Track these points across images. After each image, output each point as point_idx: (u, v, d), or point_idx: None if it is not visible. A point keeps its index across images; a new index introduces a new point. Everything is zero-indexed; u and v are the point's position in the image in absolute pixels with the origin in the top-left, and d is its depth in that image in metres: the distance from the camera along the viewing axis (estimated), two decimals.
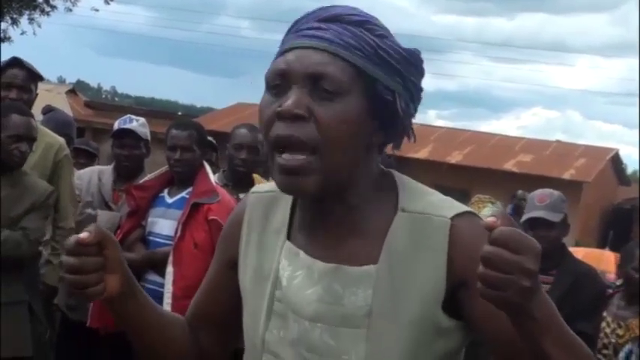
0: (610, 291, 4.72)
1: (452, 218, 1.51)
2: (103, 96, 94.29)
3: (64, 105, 21.09)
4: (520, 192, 10.10)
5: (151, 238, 4.42)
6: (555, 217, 4.26)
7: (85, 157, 6.85)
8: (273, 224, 1.67)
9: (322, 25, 1.51)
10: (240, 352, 1.70)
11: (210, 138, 5.66)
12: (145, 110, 25.40)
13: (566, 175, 22.04)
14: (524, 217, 4.33)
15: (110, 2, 24.71)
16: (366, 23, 1.52)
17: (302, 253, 1.58)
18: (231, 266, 1.72)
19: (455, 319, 1.51)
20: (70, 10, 24.55)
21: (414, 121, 1.60)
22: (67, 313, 4.94)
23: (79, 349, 4.88)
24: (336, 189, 1.52)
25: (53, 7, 24.09)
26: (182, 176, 4.42)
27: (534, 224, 4.26)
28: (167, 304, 4.14)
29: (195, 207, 4.25)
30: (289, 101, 1.45)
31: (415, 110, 1.59)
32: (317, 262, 1.56)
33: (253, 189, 1.77)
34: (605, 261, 7.18)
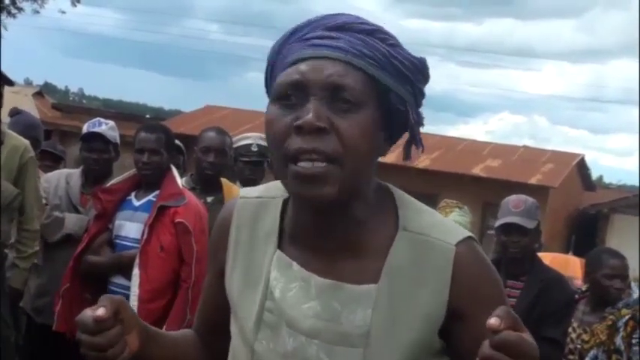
0: (576, 296, 4.75)
1: (456, 245, 1.51)
2: (71, 98, 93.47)
3: (31, 107, 20.90)
4: None
5: (118, 241, 4.39)
6: (530, 224, 4.29)
7: (51, 160, 6.81)
8: (261, 231, 1.63)
9: (333, 34, 1.49)
10: None
11: (177, 141, 5.65)
12: (113, 113, 25.21)
13: (533, 180, 22.13)
14: (498, 223, 4.34)
15: (77, 4, 24.58)
16: (376, 32, 1.50)
17: (295, 265, 1.56)
18: (221, 275, 1.69)
19: (444, 340, 1.52)
20: (37, 12, 24.46)
21: None
22: (34, 317, 4.91)
23: (44, 353, 4.86)
24: (346, 200, 1.50)
25: (20, 9, 23.98)
26: (149, 179, 4.41)
27: (508, 230, 4.28)
28: (133, 307, 4.11)
29: (162, 210, 4.24)
30: (310, 115, 1.42)
31: (423, 117, 1.58)
32: (314, 277, 1.53)
33: (241, 193, 1.72)
34: (571, 266, 7.23)
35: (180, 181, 4.46)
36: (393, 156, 1.69)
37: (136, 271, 4.19)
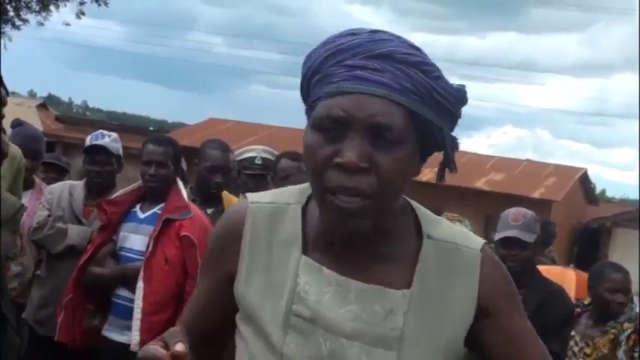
0: (578, 310, 4.75)
1: (480, 250, 1.61)
2: (74, 110, 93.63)
3: (34, 119, 20.96)
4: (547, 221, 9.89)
5: (122, 253, 4.39)
6: (529, 238, 4.27)
7: (56, 172, 6.83)
8: (281, 237, 1.63)
9: (377, 66, 1.47)
10: None
11: None
12: (116, 125, 25.29)
13: (536, 194, 22.15)
14: (498, 236, 4.33)
15: (82, 17, 24.61)
16: (421, 64, 1.49)
17: (326, 269, 1.57)
18: (226, 281, 1.65)
19: (470, 342, 1.60)
20: (42, 24, 24.42)
21: None
22: (36, 328, 4.91)
23: None
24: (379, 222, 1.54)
25: (25, 21, 23.95)
26: (155, 191, 4.41)
27: (507, 243, 4.27)
28: (137, 320, 4.14)
29: (167, 223, 4.24)
30: (352, 153, 1.43)
31: (459, 142, 1.61)
32: (352, 281, 1.55)
33: (252, 199, 1.69)
34: (567, 280, 7.19)
35: (185, 195, 4.45)
36: None
37: (140, 284, 4.19)
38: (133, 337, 4.15)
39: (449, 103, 1.51)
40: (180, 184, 4.50)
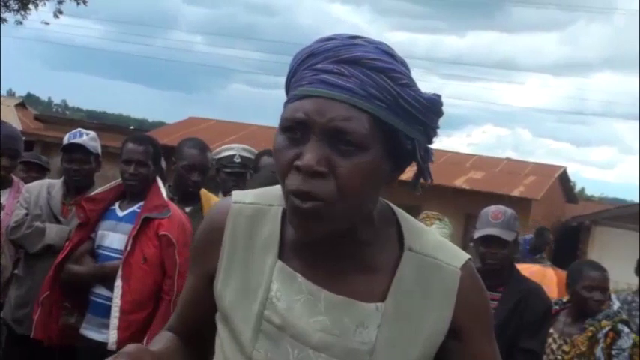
0: (557, 307, 4.77)
1: (460, 268, 1.59)
2: (54, 109, 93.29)
3: (13, 118, 20.89)
4: (541, 229, 9.87)
5: (100, 251, 4.39)
6: (509, 236, 4.28)
7: (37, 171, 6.81)
8: (259, 240, 1.62)
9: (343, 70, 1.45)
10: None
11: None
12: (96, 124, 25.17)
13: (516, 193, 22.21)
14: (478, 234, 4.33)
15: (60, 16, 24.47)
16: (389, 71, 1.46)
17: (300, 277, 1.56)
18: (209, 280, 1.66)
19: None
20: (21, 22, 24.26)
21: None
22: (14, 327, 4.89)
23: None
24: (347, 230, 1.53)
25: (3, 20, 23.80)
26: (135, 190, 4.41)
27: (487, 241, 4.27)
28: (115, 318, 4.14)
29: (146, 221, 4.24)
30: (309, 156, 1.42)
31: (432, 152, 1.58)
32: (324, 292, 1.54)
33: (235, 198, 1.68)
34: (548, 279, 7.22)
35: (164, 193, 4.44)
36: None
37: (118, 283, 4.18)
38: (110, 336, 4.14)
39: (417, 111, 1.48)
40: (160, 182, 4.49)
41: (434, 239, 1.63)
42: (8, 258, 5.08)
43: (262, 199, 1.67)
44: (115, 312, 4.15)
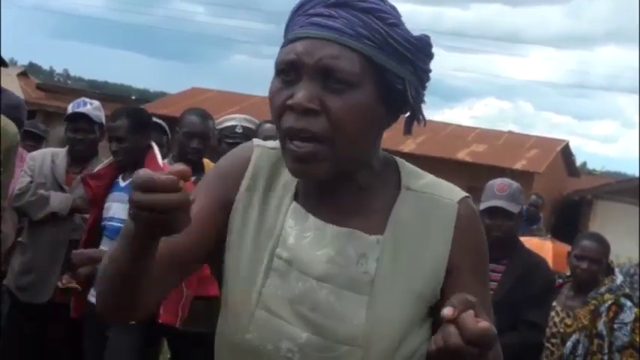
0: (560, 281, 4.78)
1: (458, 202, 1.61)
2: (56, 79, 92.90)
3: (15, 87, 20.79)
4: (534, 197, 9.82)
5: (107, 223, 4.40)
6: (514, 208, 4.28)
7: (33, 140, 6.81)
8: (278, 183, 1.66)
9: (332, 12, 1.51)
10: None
11: (160, 121, 5.63)
12: (98, 94, 25.12)
13: (518, 166, 22.22)
14: (483, 206, 4.31)
15: None
16: (376, 11, 1.51)
17: (311, 217, 1.60)
18: (224, 206, 1.64)
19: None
20: None
21: None
22: (17, 295, 4.90)
23: (28, 331, 4.90)
24: (346, 173, 1.56)
25: None
26: (124, 164, 4.42)
27: (492, 212, 4.26)
28: None
29: None
30: (300, 95, 1.47)
31: (424, 94, 1.61)
32: (329, 225, 1.58)
33: (257, 142, 1.72)
34: (544, 251, 7.24)
35: (160, 159, 4.44)
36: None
37: None
38: None
39: (406, 50, 1.53)
40: (156, 149, 4.49)
41: (432, 179, 1.67)
42: (10, 226, 5.08)
43: None
44: None
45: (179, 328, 4.40)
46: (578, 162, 33.35)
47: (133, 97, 31.57)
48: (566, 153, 26.94)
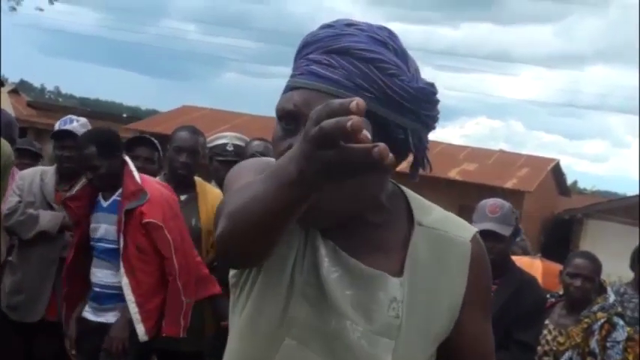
0: (552, 300, 4.78)
1: (470, 240, 1.62)
2: (47, 96, 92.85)
3: (6, 105, 20.78)
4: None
5: (96, 244, 4.38)
6: (506, 231, 4.23)
7: (30, 158, 6.78)
8: None
9: (332, 61, 1.47)
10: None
11: (152, 138, 5.63)
12: (89, 111, 25.15)
13: (509, 185, 22.25)
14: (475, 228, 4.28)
15: (55, 2, 24.45)
16: (377, 61, 1.47)
17: (339, 250, 1.54)
18: None
19: None
20: (14, 9, 24.33)
21: None
22: (8, 314, 4.89)
23: (19, 349, 4.94)
24: (353, 217, 1.54)
25: None
26: (103, 187, 4.39)
27: (484, 235, 4.21)
28: (135, 313, 4.21)
29: (129, 212, 4.23)
30: None
31: (427, 142, 1.59)
32: (357, 263, 1.54)
33: None
34: (534, 269, 7.24)
35: (137, 175, 4.35)
36: None
37: (125, 280, 4.22)
38: (138, 330, 4.20)
39: (406, 100, 1.49)
40: (131, 165, 4.39)
41: (441, 213, 1.67)
42: (1, 245, 5.06)
43: None
44: (133, 308, 4.20)
45: (171, 348, 4.43)
46: (569, 181, 33.42)
47: (124, 115, 31.58)
48: (556, 172, 27.00)
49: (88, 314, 4.39)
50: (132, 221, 4.23)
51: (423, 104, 1.52)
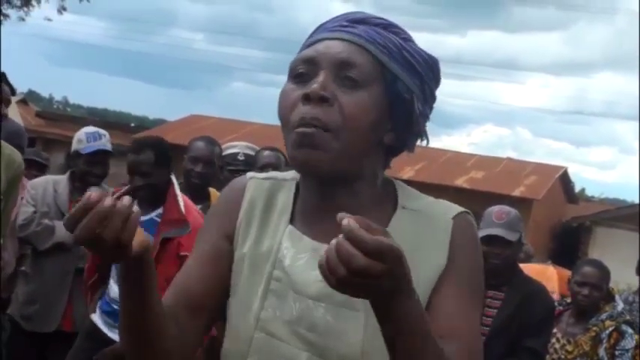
0: (560, 308, 4.78)
1: (453, 218, 1.62)
2: (55, 106, 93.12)
3: (14, 115, 20.83)
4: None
5: None
6: (512, 237, 4.24)
7: (37, 169, 6.81)
8: (274, 210, 1.70)
9: (351, 24, 1.60)
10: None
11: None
12: (97, 121, 25.16)
13: (517, 193, 22.22)
14: (481, 233, 4.29)
15: (63, 12, 24.51)
16: (392, 27, 1.62)
17: (306, 238, 1.63)
18: (228, 240, 1.70)
19: None
20: (23, 19, 24.33)
21: None
22: (22, 324, 4.88)
23: (32, 356, 4.91)
24: (345, 174, 1.58)
25: (5, 16, 23.81)
26: (147, 198, 4.15)
27: (490, 241, 4.23)
28: None
29: (166, 240, 4.04)
30: (316, 84, 1.52)
31: (428, 114, 1.66)
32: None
33: (250, 174, 1.79)
34: (548, 278, 7.21)
35: (181, 202, 4.19)
36: None
37: None
38: None
39: (418, 63, 1.60)
40: (177, 187, 4.26)
41: (431, 199, 1.69)
42: (11, 254, 5.07)
43: (276, 176, 1.77)
44: None
45: None
46: (577, 188, 33.33)
47: (132, 125, 31.62)
48: (564, 179, 26.94)
49: (104, 328, 4.30)
50: (168, 249, 4.02)
51: (430, 73, 1.64)
